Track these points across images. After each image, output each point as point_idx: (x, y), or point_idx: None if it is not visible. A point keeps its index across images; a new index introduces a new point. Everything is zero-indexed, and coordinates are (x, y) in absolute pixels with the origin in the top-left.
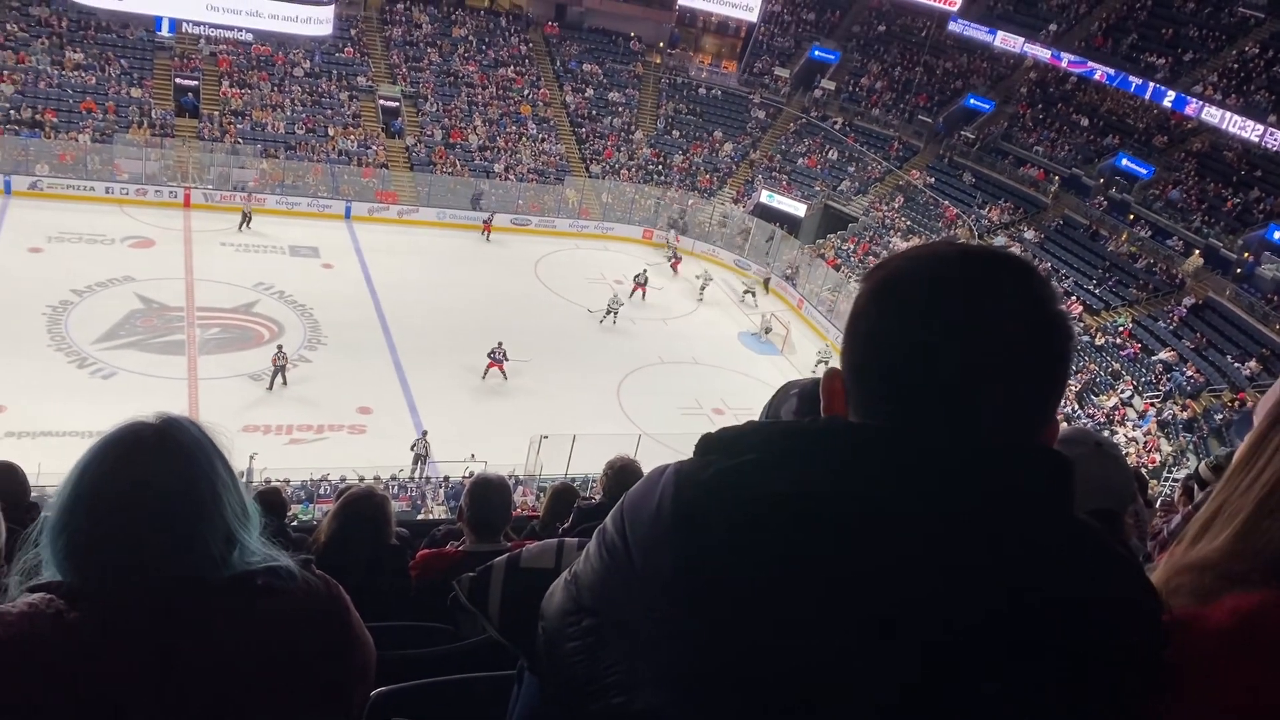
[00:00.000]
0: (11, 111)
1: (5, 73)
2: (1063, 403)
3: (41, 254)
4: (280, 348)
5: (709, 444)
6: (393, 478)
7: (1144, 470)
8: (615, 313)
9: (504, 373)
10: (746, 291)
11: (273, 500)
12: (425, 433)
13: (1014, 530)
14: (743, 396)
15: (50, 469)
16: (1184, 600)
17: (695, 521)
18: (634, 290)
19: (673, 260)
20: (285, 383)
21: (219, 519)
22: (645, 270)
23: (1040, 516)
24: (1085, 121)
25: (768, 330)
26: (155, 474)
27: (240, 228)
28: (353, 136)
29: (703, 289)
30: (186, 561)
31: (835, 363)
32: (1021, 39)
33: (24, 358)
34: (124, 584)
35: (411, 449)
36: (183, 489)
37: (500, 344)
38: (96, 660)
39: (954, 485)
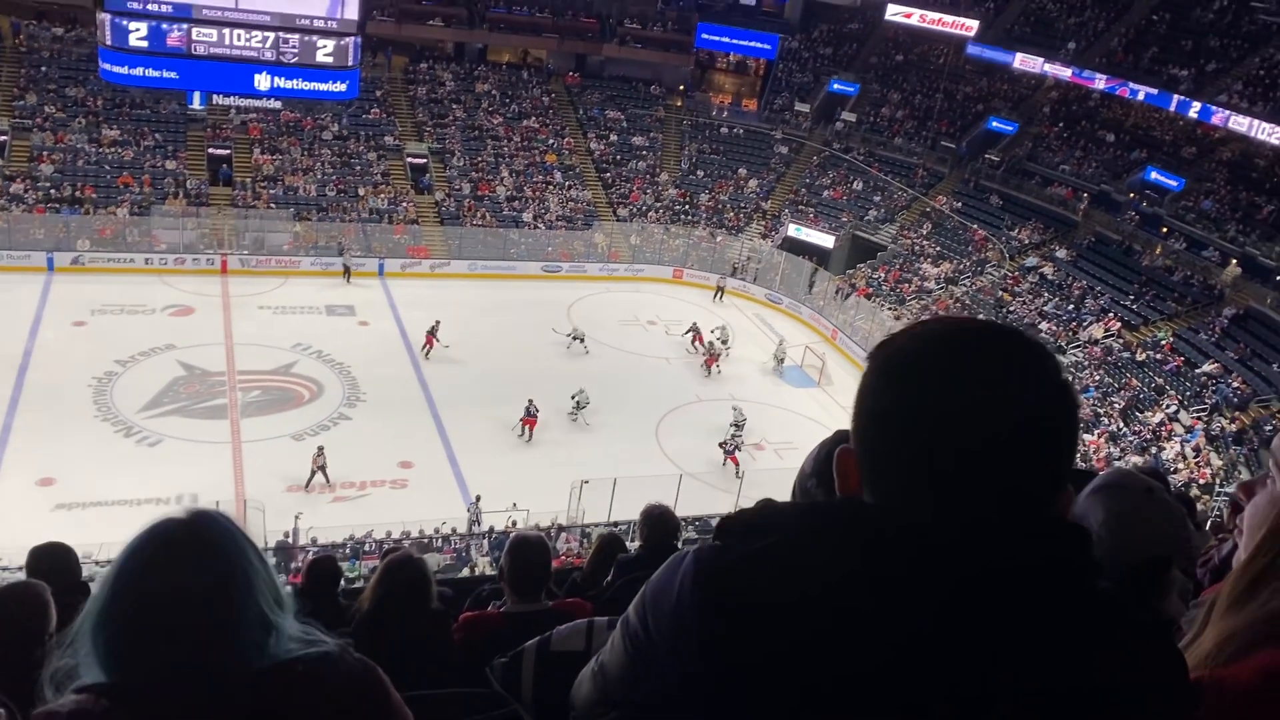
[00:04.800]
0: (52, 190)
1: (45, 153)
2: (1108, 421)
3: (85, 327)
4: (321, 449)
5: (727, 527)
6: (436, 531)
7: (1196, 486)
8: (579, 339)
9: (531, 431)
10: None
11: (328, 568)
12: (478, 498)
13: (1028, 611)
14: (783, 431)
15: (101, 539)
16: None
17: (715, 607)
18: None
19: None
20: (328, 481)
21: (254, 609)
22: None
23: (1056, 593)
24: (1111, 137)
25: (780, 360)
26: (188, 570)
27: (346, 279)
28: (383, 195)
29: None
30: (226, 654)
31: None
32: (1041, 59)
33: (72, 430)
34: (165, 680)
35: (468, 511)
36: (217, 582)
37: (530, 401)
38: None
39: (966, 568)
